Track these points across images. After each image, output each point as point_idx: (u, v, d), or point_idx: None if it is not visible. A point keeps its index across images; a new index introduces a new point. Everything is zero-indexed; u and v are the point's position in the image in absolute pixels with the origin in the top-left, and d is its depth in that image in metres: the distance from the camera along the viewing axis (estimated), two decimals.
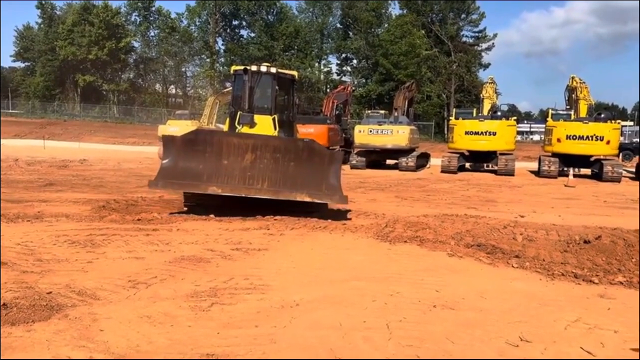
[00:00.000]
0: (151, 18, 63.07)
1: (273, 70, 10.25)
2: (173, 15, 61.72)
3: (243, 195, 8.67)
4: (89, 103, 60.86)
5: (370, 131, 22.95)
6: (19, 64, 72.81)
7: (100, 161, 22.86)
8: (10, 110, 61.26)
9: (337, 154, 9.30)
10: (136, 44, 63.92)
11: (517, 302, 4.78)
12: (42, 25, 66.02)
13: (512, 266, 6.07)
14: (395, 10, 62.30)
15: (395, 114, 24.05)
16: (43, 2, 64.73)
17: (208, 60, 59.80)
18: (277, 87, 10.40)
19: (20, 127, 46.02)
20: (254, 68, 10.11)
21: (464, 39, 59.71)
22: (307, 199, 8.54)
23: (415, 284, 5.16)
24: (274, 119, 10.00)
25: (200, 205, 9.16)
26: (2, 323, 3.76)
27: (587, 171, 21.67)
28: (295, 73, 11.06)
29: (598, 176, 20.47)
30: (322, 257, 6.21)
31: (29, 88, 64.75)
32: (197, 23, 60.83)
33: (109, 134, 43.98)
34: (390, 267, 5.83)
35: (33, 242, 6.41)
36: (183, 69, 65.41)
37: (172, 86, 68.24)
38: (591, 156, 20.95)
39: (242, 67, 10.13)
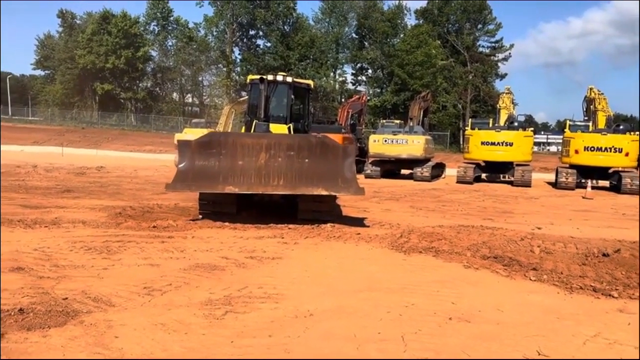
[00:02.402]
0: (169, 28, 63.98)
1: (289, 79, 10.31)
2: (191, 25, 62.60)
3: (260, 193, 8.75)
4: (107, 111, 61.74)
5: (385, 141, 22.91)
6: (39, 72, 74.24)
7: (117, 168, 23.10)
8: (30, 118, 62.42)
9: (350, 148, 9.29)
10: (154, 53, 64.89)
11: (535, 315, 4.70)
12: (62, 34, 67.33)
13: (530, 279, 5.98)
14: (411, 20, 62.48)
15: (411, 123, 24.00)
16: (64, 11, 66.05)
17: (224, 69, 60.36)
18: (292, 96, 10.47)
19: (40, 134, 46.75)
20: (270, 77, 10.18)
21: (480, 49, 59.62)
22: (324, 192, 8.54)
23: (431, 295, 5.11)
24: (289, 128, 10.04)
25: (215, 213, 9.20)
26: (18, 328, 3.79)
27: (606, 183, 21.36)
28: (311, 82, 11.11)
29: (617, 188, 20.18)
30: (336, 267, 6.18)
31: (49, 96, 65.93)
32: (214, 33, 61.56)
33: (126, 141, 44.46)
34: (405, 278, 5.77)
35: (50, 247, 6.48)
36: (200, 78, 66.13)
37: (189, 95, 69.03)
38: (609, 168, 20.66)
39: (258, 76, 10.21)
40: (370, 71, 61.15)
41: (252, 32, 62.62)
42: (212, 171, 8.61)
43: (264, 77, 10.06)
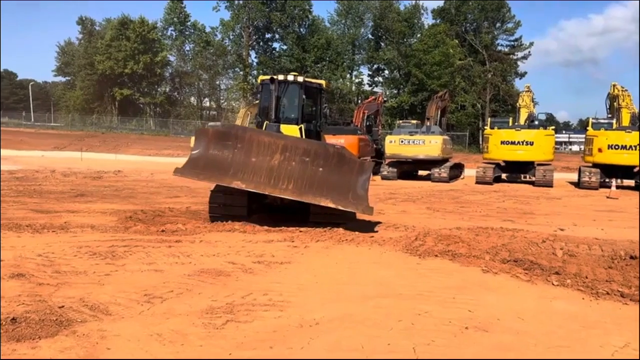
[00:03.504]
0: (186, 32, 64.41)
1: (300, 79, 10.07)
2: (207, 30, 62.92)
3: (267, 194, 8.51)
4: (126, 116, 62.40)
5: (402, 141, 22.56)
6: (60, 79, 75.46)
7: (134, 172, 23.15)
8: (51, 123, 63.40)
9: (368, 164, 8.99)
10: (172, 58, 65.42)
11: (558, 323, 4.38)
12: (82, 41, 68.32)
13: (552, 284, 5.64)
14: (428, 20, 61.91)
15: (428, 123, 23.59)
16: (83, 18, 67.03)
17: (241, 73, 60.55)
18: (304, 97, 10.22)
19: (60, 139, 47.39)
20: (280, 77, 9.95)
21: (499, 47, 58.70)
22: (331, 205, 8.25)
23: (446, 302, 4.81)
24: (300, 129, 9.81)
25: (226, 216, 9.01)
26: (7, 339, 3.61)
27: (631, 182, 20.70)
28: (323, 82, 10.85)
29: None
30: (346, 272, 5.91)
31: (69, 102, 66.91)
32: (231, 37, 61.84)
33: (145, 145, 44.79)
34: (419, 283, 5.48)
35: (54, 253, 6.34)
36: (217, 82, 66.50)
37: (207, 99, 69.47)
38: (635, 166, 20.00)
39: (268, 77, 9.98)
40: (387, 72, 60.75)
41: (268, 35, 62.77)
42: (224, 163, 8.42)
43: (275, 77, 9.83)
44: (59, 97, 72.91)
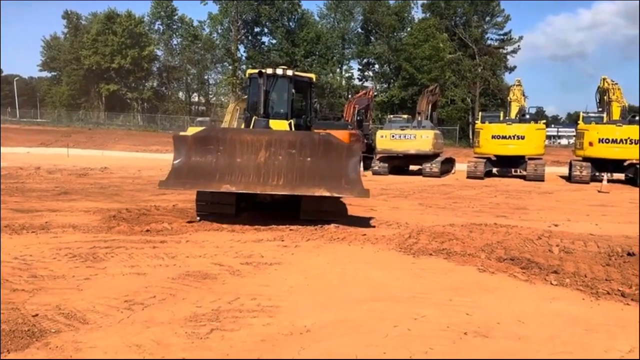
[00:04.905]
0: (174, 26, 63.66)
1: (289, 72, 9.81)
2: (195, 24, 62.20)
3: (258, 192, 8.29)
4: (113, 112, 61.64)
5: (393, 136, 22.36)
6: (46, 74, 74.32)
7: (121, 169, 22.74)
8: (37, 120, 62.45)
9: (355, 146, 8.76)
10: (159, 53, 64.64)
11: (560, 327, 4.18)
12: (67, 35, 67.29)
13: (551, 283, 5.46)
14: (418, 13, 61.68)
15: (419, 118, 23.39)
16: (69, 12, 65.99)
17: (230, 67, 59.88)
18: (293, 91, 9.96)
19: (47, 135, 46.65)
20: (269, 71, 9.68)
21: (489, 42, 58.61)
22: (326, 194, 8.02)
23: (443, 305, 4.60)
24: (290, 124, 9.55)
25: (214, 214, 8.74)
26: None
27: (621, 176, 20.68)
28: (313, 76, 10.60)
29: (633, 181, 19.53)
30: (338, 273, 5.68)
31: (55, 97, 65.94)
32: (219, 31, 61.05)
33: (132, 142, 44.20)
34: (414, 284, 5.27)
35: (32, 255, 6.04)
36: (205, 77, 65.86)
37: (195, 94, 68.75)
38: (625, 160, 19.97)
39: (257, 71, 9.71)
40: (377, 66, 60.40)
41: (257, 29, 62.07)
42: (208, 168, 8.14)
43: (263, 71, 9.56)
44: (44, 93, 71.80)
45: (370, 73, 60.99)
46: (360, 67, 61.28)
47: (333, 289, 5.04)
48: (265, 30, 61.67)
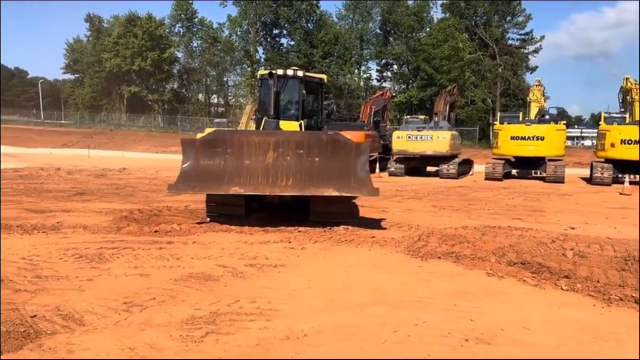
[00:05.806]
0: (194, 29, 64.26)
1: (300, 73, 9.76)
2: (215, 26, 62.70)
3: (267, 194, 8.27)
4: (134, 113, 62.48)
5: (409, 137, 22.15)
6: (69, 76, 75.70)
7: (139, 170, 22.97)
8: (60, 121, 63.66)
9: (365, 144, 8.66)
10: (179, 55, 65.31)
11: (568, 334, 4.03)
12: (90, 38, 68.45)
13: (561, 288, 5.28)
14: (437, 14, 61.15)
15: (436, 119, 23.15)
16: (91, 15, 67.11)
17: (249, 69, 60.23)
18: (304, 92, 9.90)
19: (69, 136, 47.56)
20: (279, 72, 9.64)
21: (510, 41, 57.87)
22: (335, 193, 7.94)
23: (447, 310, 4.48)
24: (300, 125, 9.50)
25: (223, 215, 8.73)
26: None
27: None
28: (324, 76, 10.53)
29: None
30: (342, 276, 5.59)
31: (78, 99, 67.12)
32: (238, 33, 61.55)
33: (153, 143, 44.77)
34: (418, 288, 5.15)
35: (39, 256, 6.08)
36: (225, 79, 66.36)
37: (214, 95, 69.29)
38: None
39: (267, 72, 9.68)
40: (395, 67, 60.19)
41: (275, 31, 62.42)
42: (217, 171, 8.13)
43: (273, 71, 9.53)
44: (68, 95, 73.18)
45: (389, 74, 60.87)
46: (379, 68, 61.19)
47: (335, 293, 4.95)
48: (284, 31, 62.02)
